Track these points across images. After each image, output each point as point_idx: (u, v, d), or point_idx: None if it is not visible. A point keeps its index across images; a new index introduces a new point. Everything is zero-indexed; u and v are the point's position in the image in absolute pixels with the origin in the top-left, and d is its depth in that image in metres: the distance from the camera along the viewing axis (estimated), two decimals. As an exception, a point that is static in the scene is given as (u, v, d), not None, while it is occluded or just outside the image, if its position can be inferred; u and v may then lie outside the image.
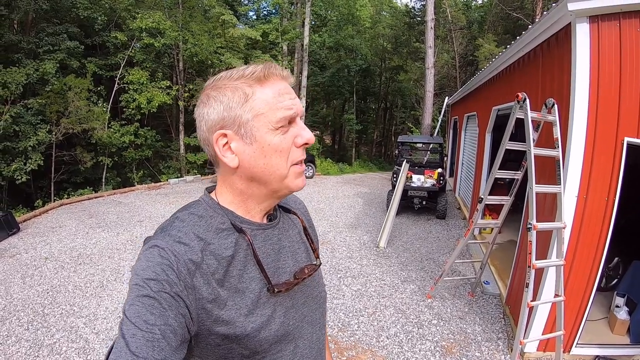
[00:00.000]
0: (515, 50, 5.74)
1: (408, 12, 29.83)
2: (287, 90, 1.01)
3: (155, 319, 0.82)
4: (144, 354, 0.77)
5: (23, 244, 7.73)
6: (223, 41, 21.09)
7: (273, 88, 0.98)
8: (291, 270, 1.10)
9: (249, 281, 0.99)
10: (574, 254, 3.88)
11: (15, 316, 4.91)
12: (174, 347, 0.83)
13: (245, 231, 1.02)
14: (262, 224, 1.09)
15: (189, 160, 20.52)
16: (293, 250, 1.15)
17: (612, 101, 3.61)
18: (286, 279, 1.07)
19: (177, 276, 0.88)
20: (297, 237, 1.20)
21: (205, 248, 0.95)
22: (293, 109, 0.99)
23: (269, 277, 1.02)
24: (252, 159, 0.99)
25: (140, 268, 0.88)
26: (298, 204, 1.37)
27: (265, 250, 1.06)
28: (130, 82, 17.95)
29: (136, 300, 0.84)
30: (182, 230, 0.96)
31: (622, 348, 4.29)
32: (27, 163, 13.86)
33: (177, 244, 0.92)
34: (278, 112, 0.97)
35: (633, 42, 3.57)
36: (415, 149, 15.04)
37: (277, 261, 1.08)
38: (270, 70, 0.99)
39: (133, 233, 8.53)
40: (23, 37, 14.80)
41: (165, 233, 0.95)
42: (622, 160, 3.64)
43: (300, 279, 1.09)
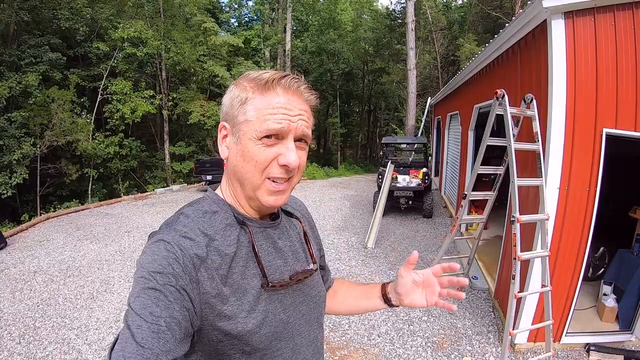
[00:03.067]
0: (494, 49, 5.86)
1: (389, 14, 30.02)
2: (287, 105, 0.98)
3: (160, 311, 0.83)
4: (149, 345, 0.79)
5: (11, 259, 7.65)
6: (205, 49, 21.11)
7: (270, 99, 0.98)
8: (287, 271, 1.11)
9: (250, 278, 1.01)
10: (558, 244, 3.98)
11: (7, 330, 4.88)
12: (179, 340, 0.84)
13: (248, 225, 1.06)
14: (263, 222, 1.12)
15: (174, 169, 20.47)
16: (292, 252, 1.16)
17: (590, 94, 3.72)
18: (281, 279, 1.08)
19: (183, 270, 0.90)
20: (296, 239, 1.21)
21: (209, 244, 0.97)
22: (281, 125, 0.97)
23: (267, 275, 1.04)
24: (235, 158, 1.02)
25: (146, 261, 0.90)
26: (299, 205, 1.39)
27: (265, 248, 1.08)
28: (113, 92, 17.86)
29: (142, 293, 0.85)
30: (188, 226, 0.99)
31: (611, 335, 4.39)
32: (12, 177, 13.73)
33: (182, 239, 0.94)
34: (264, 124, 0.97)
35: (608, 36, 3.69)
36: (399, 150, 15.15)
37: (274, 260, 1.09)
38: (279, 82, 0.99)
39: (121, 244, 8.49)
40: (5, 49, 14.68)
41: (170, 228, 0.98)
42: (601, 151, 3.75)
43: (294, 280, 1.10)
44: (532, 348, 4.29)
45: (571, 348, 4.30)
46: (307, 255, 1.22)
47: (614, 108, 3.72)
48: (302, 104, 1.02)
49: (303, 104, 1.02)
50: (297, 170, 1.04)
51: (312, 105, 1.06)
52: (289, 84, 1.00)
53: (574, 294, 4.11)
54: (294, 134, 0.99)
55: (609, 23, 3.70)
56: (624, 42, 3.69)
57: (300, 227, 1.26)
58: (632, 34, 3.68)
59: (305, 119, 1.02)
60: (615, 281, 4.88)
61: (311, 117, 1.05)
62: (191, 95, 21.04)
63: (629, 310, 4.47)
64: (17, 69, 14.75)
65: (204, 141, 23.33)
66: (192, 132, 22.90)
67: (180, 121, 22.31)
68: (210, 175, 14.80)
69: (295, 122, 0.99)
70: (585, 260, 4.03)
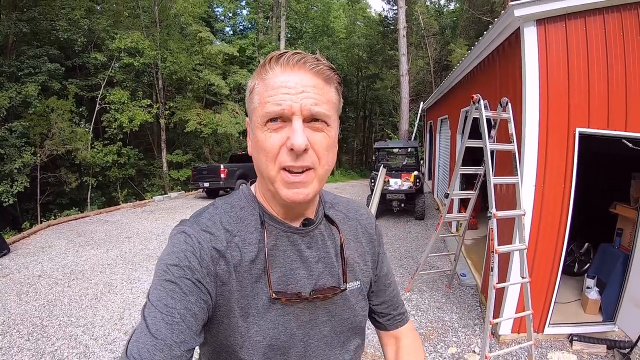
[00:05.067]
0: (474, 56, 6.17)
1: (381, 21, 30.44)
2: (287, 83, 0.87)
3: (175, 303, 0.84)
4: (162, 336, 0.81)
5: (15, 264, 7.85)
6: (201, 58, 21.44)
7: (269, 81, 0.89)
8: (310, 284, 1.01)
9: (264, 284, 0.97)
10: (537, 238, 4.21)
11: (15, 329, 5.07)
12: (194, 331, 0.85)
13: (265, 227, 0.99)
14: (290, 226, 1.02)
15: (172, 177, 20.71)
16: (325, 264, 1.04)
17: (562, 95, 3.99)
18: (296, 291, 0.98)
19: (199, 263, 0.90)
20: (331, 252, 1.06)
21: (230, 240, 0.96)
22: (281, 106, 0.85)
23: (272, 283, 0.96)
24: (252, 150, 0.97)
25: (166, 253, 0.92)
26: (355, 212, 1.20)
27: (288, 255, 1.00)
28: (111, 102, 18.13)
29: (158, 285, 0.87)
30: (212, 219, 0.99)
31: (594, 325, 4.60)
32: (13, 185, 13.96)
33: (203, 232, 0.95)
34: (264, 108, 0.88)
35: (579, 40, 3.97)
36: (392, 154, 15.42)
37: (297, 270, 1.00)
38: (277, 60, 0.90)
39: (122, 249, 8.69)
40: (4, 60, 14.94)
41: (195, 220, 0.99)
42: (575, 149, 4.01)
43: (312, 296, 0.99)
44: (516, 339, 4.49)
45: (555, 339, 4.49)
46: (339, 272, 1.06)
47: (586, 108, 3.98)
48: (309, 78, 0.88)
49: (310, 79, 0.88)
50: (318, 158, 0.90)
51: (326, 78, 0.91)
52: (288, 60, 0.89)
53: (554, 285, 4.32)
54: (300, 113, 0.86)
55: (580, 28, 3.97)
56: (594, 45, 3.96)
57: (339, 238, 1.09)
58: (603, 37, 3.95)
59: (313, 95, 0.87)
60: (598, 274, 5.08)
61: (327, 92, 0.91)
62: (187, 104, 21.33)
63: (612, 301, 4.67)
64: (17, 79, 15.00)
65: (201, 149, 23.62)
66: (188, 141, 23.17)
67: (177, 129, 22.58)
68: (207, 183, 15.01)
69: (297, 101, 0.86)
70: (564, 253, 4.24)
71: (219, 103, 23.48)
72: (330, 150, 0.93)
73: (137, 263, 7.62)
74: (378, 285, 1.23)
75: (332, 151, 0.94)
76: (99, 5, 20.60)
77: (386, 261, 1.25)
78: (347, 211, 1.18)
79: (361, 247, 1.16)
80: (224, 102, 23.16)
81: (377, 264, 1.21)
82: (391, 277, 1.28)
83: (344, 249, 1.08)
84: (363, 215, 1.21)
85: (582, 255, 5.94)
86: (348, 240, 1.12)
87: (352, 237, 1.14)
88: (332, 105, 0.92)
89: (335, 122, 0.95)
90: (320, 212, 1.09)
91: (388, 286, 1.26)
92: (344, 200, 1.22)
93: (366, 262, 1.16)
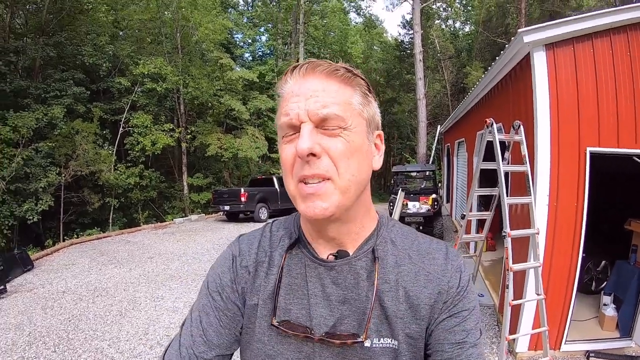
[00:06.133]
0: (487, 81, 6.37)
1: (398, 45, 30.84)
2: (298, 92, 0.81)
3: (207, 316, 0.93)
4: (189, 344, 0.90)
5: (39, 280, 8.11)
6: (222, 83, 21.87)
7: (285, 93, 0.85)
8: (323, 324, 0.88)
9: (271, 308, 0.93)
10: (551, 256, 4.31)
11: (41, 341, 5.25)
12: (224, 344, 0.93)
13: (292, 252, 0.96)
14: (316, 256, 0.93)
15: (192, 200, 20.99)
16: (350, 306, 0.89)
17: (572, 116, 4.13)
18: (306, 326, 0.89)
19: (231, 279, 0.95)
20: (363, 295, 0.89)
21: (261, 260, 0.97)
22: (289, 115, 0.80)
23: (276, 310, 0.91)
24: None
25: (212, 265, 1.01)
26: (422, 263, 0.92)
27: (311, 286, 0.91)
28: (135, 125, 18.61)
29: (198, 296, 0.97)
30: (256, 236, 1.02)
31: (611, 342, 4.63)
32: (38, 203, 14.32)
33: (239, 248, 1.00)
34: (279, 120, 0.84)
35: (587, 62, 4.14)
36: (410, 178, 15.53)
37: (312, 305, 0.90)
38: (292, 72, 0.85)
39: (145, 269, 8.90)
40: (31, 82, 15.45)
41: (244, 236, 1.05)
42: (586, 168, 4.13)
43: (325, 340, 0.86)
44: (533, 356, 4.52)
45: (572, 356, 4.52)
46: (362, 321, 0.87)
47: (596, 128, 4.12)
48: (319, 82, 0.82)
49: (320, 83, 0.82)
50: (336, 166, 0.80)
51: (342, 79, 0.83)
52: (300, 69, 0.84)
53: (570, 302, 4.38)
54: (308, 118, 0.79)
55: (588, 50, 4.14)
56: (602, 66, 4.12)
57: (374, 281, 0.88)
58: (610, 58, 4.12)
59: (322, 98, 0.79)
60: (615, 291, 5.11)
61: (343, 94, 0.82)
62: (208, 129, 21.73)
63: (628, 317, 4.70)
64: (43, 101, 15.48)
65: (221, 173, 23.90)
66: (209, 164, 23.50)
67: (197, 153, 22.96)
68: (228, 206, 15.28)
69: (304, 107, 0.79)
70: (579, 270, 4.33)
71: (239, 128, 23.86)
72: (352, 156, 0.81)
73: (160, 282, 7.79)
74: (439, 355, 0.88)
75: (356, 158, 0.82)
76: (122, 32, 21.31)
77: (467, 332, 0.87)
78: (411, 251, 0.93)
79: (422, 297, 0.88)
80: (244, 127, 23.54)
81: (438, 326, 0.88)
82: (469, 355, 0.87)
83: (378, 297, 0.87)
84: (436, 262, 0.91)
85: (599, 273, 5.98)
86: (397, 285, 0.89)
87: (405, 280, 0.89)
88: (350, 106, 0.82)
89: (360, 126, 0.84)
90: (369, 244, 0.92)
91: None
92: (418, 239, 0.96)
93: (424, 317, 0.88)
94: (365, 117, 0.86)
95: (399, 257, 0.91)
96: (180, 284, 7.69)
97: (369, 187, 0.93)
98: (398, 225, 1.00)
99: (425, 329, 0.88)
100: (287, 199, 5.21)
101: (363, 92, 0.87)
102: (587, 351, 4.47)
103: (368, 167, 0.88)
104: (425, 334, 0.88)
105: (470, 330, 0.87)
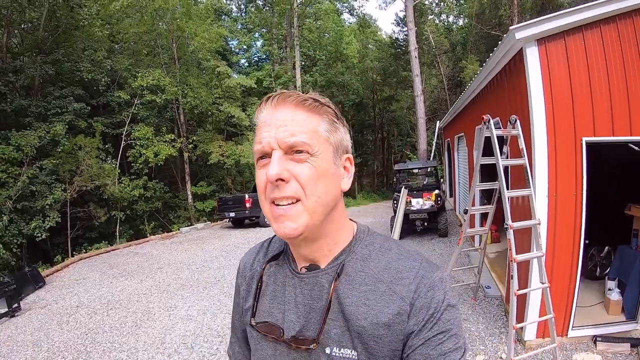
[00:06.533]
0: (482, 77, 6.50)
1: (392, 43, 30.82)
2: (269, 122, 0.90)
3: (232, 316, 1.22)
4: (232, 328, 1.23)
5: (51, 296, 8.23)
6: (220, 91, 22.03)
7: (259, 121, 0.93)
8: (291, 329, 0.98)
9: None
10: (553, 245, 4.41)
11: (60, 356, 5.38)
12: (243, 332, 1.16)
13: (276, 262, 1.09)
14: (293, 267, 1.03)
15: (197, 208, 21.14)
16: (317, 315, 0.96)
17: (567, 108, 4.24)
18: (280, 328, 0.99)
19: (238, 286, 1.18)
20: (324, 305, 0.95)
21: (254, 266, 1.14)
22: (261, 143, 0.89)
23: (255, 312, 1.05)
24: None
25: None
26: (389, 282, 0.93)
27: (288, 294, 1.01)
28: (136, 138, 18.78)
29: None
30: (255, 249, 1.19)
31: (617, 325, 4.72)
32: (45, 221, 14.43)
33: (243, 261, 1.19)
34: (254, 147, 0.92)
35: (579, 54, 4.25)
36: (412, 175, 15.62)
37: (286, 310, 1.00)
38: (266, 102, 0.93)
39: (156, 279, 9.02)
40: (32, 101, 15.57)
41: (250, 249, 1.22)
42: (583, 158, 4.23)
43: (289, 342, 0.96)
44: (541, 344, 4.61)
45: (579, 341, 4.62)
46: (317, 327, 0.95)
47: (590, 118, 4.22)
48: (288, 112, 0.89)
49: (289, 112, 0.89)
50: (303, 189, 0.87)
51: (310, 108, 0.91)
52: (272, 99, 0.92)
53: (574, 289, 4.48)
54: (277, 146, 0.87)
55: (579, 42, 4.24)
56: (594, 57, 4.22)
57: (329, 292, 0.95)
58: (602, 48, 4.22)
59: (290, 127, 0.87)
60: (619, 276, 5.21)
61: (310, 123, 0.90)
62: (209, 137, 21.93)
63: (633, 301, 4.79)
64: (44, 119, 15.59)
65: (224, 180, 24.03)
66: (211, 172, 23.66)
67: (199, 162, 23.10)
68: (233, 212, 15.36)
69: (269, 137, 0.88)
70: (581, 258, 4.43)
71: (240, 134, 24.03)
72: (319, 180, 0.89)
73: (171, 292, 7.91)
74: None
75: (322, 181, 0.89)
76: (117, 45, 21.50)
77: (444, 355, 0.86)
78: (382, 269, 0.95)
79: (381, 316, 0.90)
80: (244, 133, 23.71)
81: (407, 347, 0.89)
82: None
83: (331, 305, 0.93)
84: (402, 282, 0.92)
85: (603, 259, 6.06)
86: (358, 301, 0.92)
87: (367, 299, 0.92)
88: (317, 134, 0.90)
89: (326, 152, 0.91)
90: (339, 259, 0.98)
91: None
92: (392, 257, 0.97)
93: (382, 336, 0.89)
94: (332, 143, 0.93)
95: (367, 275, 0.95)
96: (192, 292, 7.80)
97: (342, 206, 1.00)
98: (380, 240, 1.02)
99: (389, 348, 0.89)
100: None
101: (330, 119, 0.94)
102: (593, 336, 4.57)
103: (335, 189, 0.94)
104: (389, 350, 0.89)
105: (448, 353, 0.86)
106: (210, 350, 5.25)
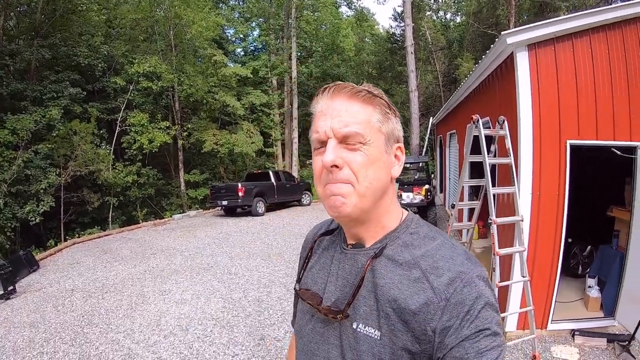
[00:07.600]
0: (475, 77, 6.70)
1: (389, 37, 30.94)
2: (325, 111, 0.97)
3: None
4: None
5: (46, 279, 8.32)
6: (216, 80, 22.09)
7: (316, 111, 1.00)
8: (329, 299, 1.06)
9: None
10: (535, 241, 4.63)
11: (58, 336, 5.49)
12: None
13: (327, 236, 1.23)
14: (341, 243, 1.13)
15: (190, 196, 21.25)
16: (349, 287, 1.02)
17: (553, 111, 4.44)
18: (320, 297, 1.08)
19: (301, 255, 1.31)
20: (356, 278, 1.01)
21: (316, 234, 1.28)
22: (318, 132, 0.96)
23: (301, 279, 1.20)
24: None
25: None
26: (424, 270, 0.94)
27: (333, 266, 1.10)
28: (131, 124, 18.81)
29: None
30: (322, 224, 1.32)
31: (595, 321, 4.96)
32: (39, 205, 14.51)
33: (309, 232, 1.36)
34: (312, 135, 1.00)
35: (567, 60, 4.46)
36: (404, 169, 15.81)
37: (328, 282, 1.09)
38: (323, 93, 1.00)
39: (149, 264, 9.13)
40: (28, 85, 15.59)
41: (317, 223, 1.36)
42: (567, 159, 4.45)
43: (324, 310, 1.03)
44: (521, 335, 4.78)
45: (558, 334, 4.84)
46: (346, 299, 1.01)
47: (575, 121, 4.43)
48: (342, 103, 0.96)
49: (343, 103, 0.96)
50: (355, 175, 0.93)
51: (364, 99, 0.97)
52: (328, 90, 0.98)
53: (554, 284, 4.70)
54: (333, 135, 0.94)
55: (568, 49, 4.45)
56: (582, 64, 4.43)
57: (363, 267, 1.01)
58: (589, 55, 4.43)
59: (344, 118, 0.94)
60: (599, 274, 5.43)
61: (363, 113, 0.95)
62: (204, 125, 22.02)
63: (611, 298, 5.01)
64: (40, 103, 15.62)
65: (217, 168, 24.12)
66: (204, 160, 23.72)
67: (193, 150, 23.19)
68: (225, 201, 15.47)
69: (326, 126, 0.95)
70: (562, 255, 4.65)
71: (234, 123, 24.14)
72: (370, 167, 0.94)
73: (165, 277, 8.05)
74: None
75: (373, 168, 0.95)
76: (114, 30, 21.46)
77: (481, 354, 0.83)
78: (422, 257, 0.96)
79: (410, 302, 0.90)
80: (238, 122, 23.83)
81: (438, 343, 0.87)
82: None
83: (364, 282, 0.98)
84: (437, 271, 0.92)
85: (585, 257, 6.27)
86: (391, 283, 0.95)
87: (400, 283, 0.94)
88: (369, 124, 0.95)
89: (378, 141, 0.97)
90: (383, 242, 1.02)
91: None
92: (434, 247, 0.98)
93: (408, 322, 0.90)
94: (384, 132, 0.99)
95: (405, 260, 0.96)
96: (186, 277, 7.94)
97: (392, 192, 1.06)
98: (425, 230, 1.05)
99: (412, 334, 0.89)
100: (284, 193, 5.77)
101: (383, 110, 0.99)
102: (572, 330, 4.78)
103: (385, 176, 0.99)
104: (416, 343, 0.89)
105: (485, 352, 0.83)
106: (204, 332, 5.40)
